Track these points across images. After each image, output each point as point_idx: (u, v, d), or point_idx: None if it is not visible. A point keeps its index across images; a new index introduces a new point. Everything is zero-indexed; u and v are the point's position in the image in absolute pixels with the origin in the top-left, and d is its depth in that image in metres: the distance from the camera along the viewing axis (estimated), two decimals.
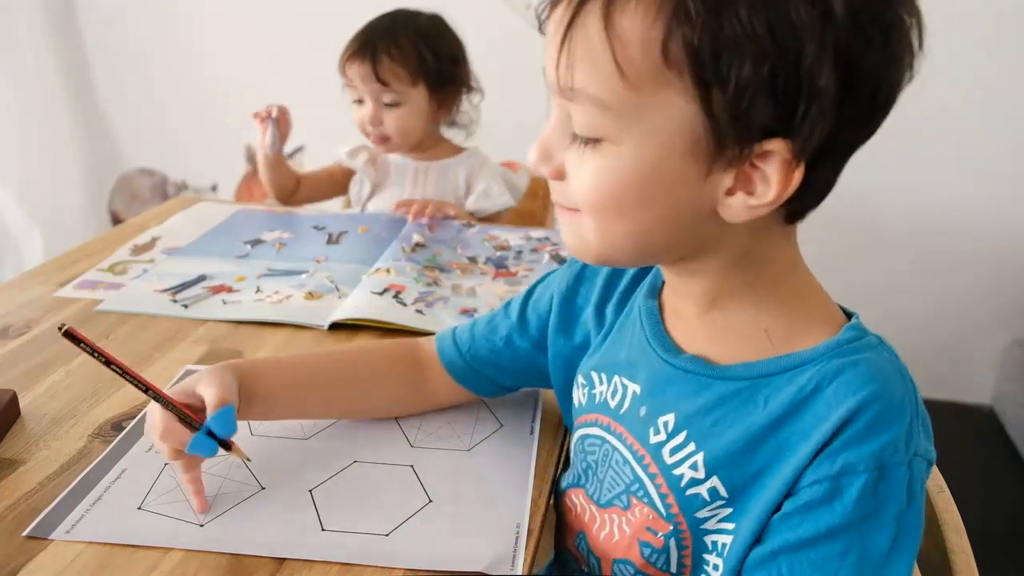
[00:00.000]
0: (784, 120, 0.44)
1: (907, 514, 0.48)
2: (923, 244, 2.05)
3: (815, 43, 0.43)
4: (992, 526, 1.72)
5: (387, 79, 1.32)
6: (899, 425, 0.48)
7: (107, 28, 2.24)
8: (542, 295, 0.73)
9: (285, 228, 1.27)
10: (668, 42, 0.44)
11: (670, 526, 0.56)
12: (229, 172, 2.33)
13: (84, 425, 0.74)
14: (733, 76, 0.43)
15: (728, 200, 0.48)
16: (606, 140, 0.48)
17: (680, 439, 0.55)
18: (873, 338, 0.52)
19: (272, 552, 0.59)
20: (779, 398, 0.51)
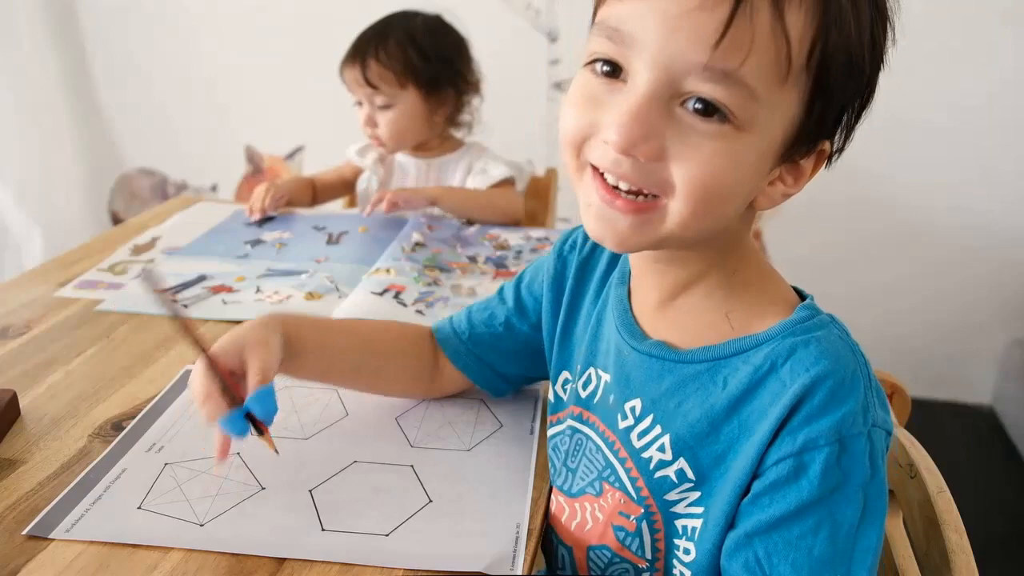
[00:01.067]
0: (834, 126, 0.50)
1: (871, 484, 0.49)
2: (923, 244, 2.05)
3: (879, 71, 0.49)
4: (992, 526, 1.72)
5: (376, 82, 1.33)
6: (854, 398, 0.49)
7: (107, 28, 2.23)
8: (534, 278, 0.74)
9: (285, 228, 1.27)
10: (815, 46, 0.45)
11: (641, 509, 0.57)
12: (229, 172, 2.33)
13: (84, 425, 0.74)
14: (841, 89, 0.47)
15: (769, 190, 0.51)
16: (734, 125, 0.46)
17: (647, 423, 0.57)
18: (825, 316, 0.53)
19: (272, 552, 0.59)
20: (736, 378, 0.53)
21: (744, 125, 0.46)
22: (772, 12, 0.44)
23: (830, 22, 0.45)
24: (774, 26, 0.44)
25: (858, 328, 1.28)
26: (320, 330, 0.72)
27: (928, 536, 0.59)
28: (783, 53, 0.45)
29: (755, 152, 0.48)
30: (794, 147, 0.49)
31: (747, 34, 0.44)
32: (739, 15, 0.43)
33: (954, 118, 1.91)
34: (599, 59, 0.49)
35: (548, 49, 1.98)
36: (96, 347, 0.89)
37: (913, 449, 0.64)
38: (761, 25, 0.44)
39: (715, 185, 0.47)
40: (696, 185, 0.47)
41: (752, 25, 0.44)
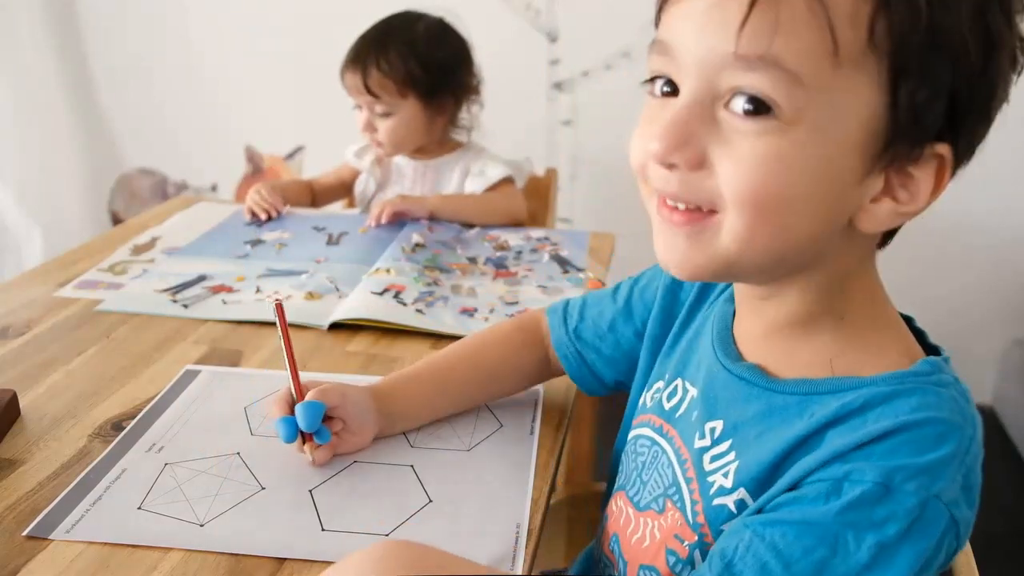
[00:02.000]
0: (953, 125, 0.44)
1: (895, 549, 0.43)
2: (923, 244, 2.05)
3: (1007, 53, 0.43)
4: (992, 526, 1.71)
5: (376, 91, 1.33)
6: (929, 456, 0.44)
7: (107, 28, 2.23)
8: (650, 283, 0.71)
9: (285, 228, 1.27)
10: (876, 21, 0.41)
11: (696, 536, 0.54)
12: (229, 172, 2.33)
13: (84, 425, 0.74)
14: (931, 72, 0.42)
15: (873, 207, 0.46)
16: (781, 120, 0.42)
17: (724, 447, 0.53)
18: (948, 378, 0.48)
19: (272, 552, 0.59)
20: (823, 412, 0.48)
21: (792, 117, 0.42)
22: None
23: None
24: (810, 2, 0.41)
25: None
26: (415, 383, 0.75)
27: None
28: (825, 30, 0.41)
29: (816, 149, 0.43)
30: (891, 149, 0.44)
31: (774, 13, 0.41)
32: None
33: None
34: (654, 76, 0.48)
35: (548, 49, 1.98)
36: (96, 347, 0.89)
37: None
38: (794, 3, 0.41)
39: (765, 190, 0.43)
40: (743, 190, 0.43)
41: (783, 3, 0.41)
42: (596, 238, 1.27)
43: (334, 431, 0.68)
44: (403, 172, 1.46)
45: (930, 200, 0.45)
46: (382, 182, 1.48)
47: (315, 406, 0.66)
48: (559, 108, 2.02)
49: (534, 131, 2.04)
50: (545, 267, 1.15)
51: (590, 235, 1.28)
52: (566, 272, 1.14)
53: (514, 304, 1.03)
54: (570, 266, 1.16)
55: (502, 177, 1.38)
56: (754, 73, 0.42)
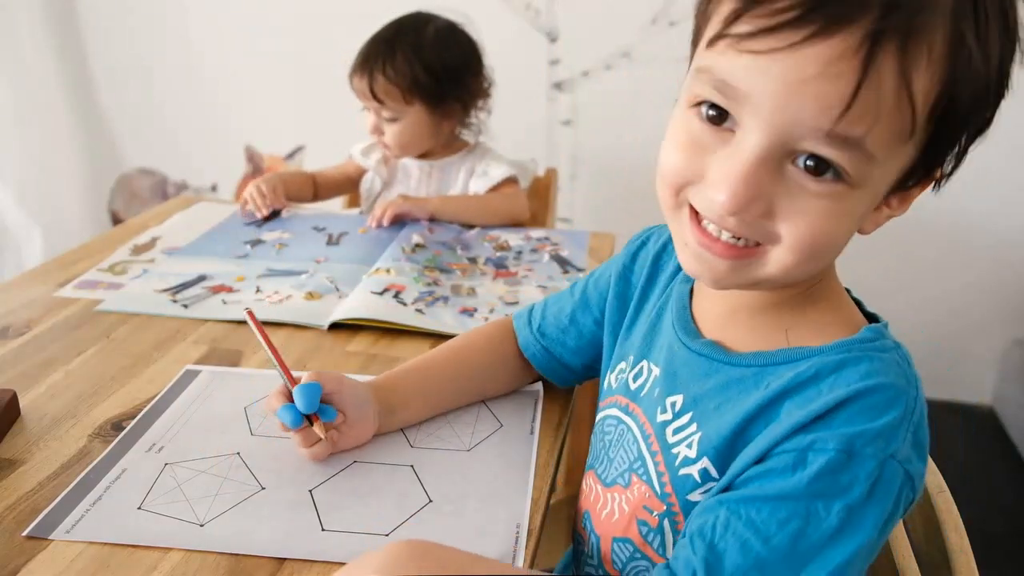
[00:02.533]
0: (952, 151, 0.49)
1: (862, 510, 0.46)
2: (923, 244, 2.05)
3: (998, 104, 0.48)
4: (992, 526, 1.72)
5: (382, 98, 1.33)
6: (881, 420, 0.47)
7: (107, 28, 2.23)
8: (603, 273, 0.75)
9: (285, 228, 1.27)
10: (942, 99, 0.44)
11: (664, 506, 0.57)
12: (229, 172, 2.33)
13: (84, 425, 0.74)
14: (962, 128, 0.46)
15: (874, 215, 0.51)
16: (847, 185, 0.46)
17: (685, 420, 0.57)
18: (890, 342, 0.52)
19: (272, 552, 0.59)
20: (778, 382, 0.52)
21: (857, 183, 0.46)
22: (898, 79, 0.42)
23: (959, 76, 0.44)
24: (899, 93, 0.43)
25: None
26: (412, 375, 0.76)
27: (928, 536, 0.59)
28: (907, 117, 0.44)
29: (866, 203, 0.48)
30: (906, 182, 0.49)
31: (871, 103, 0.42)
32: (865, 86, 0.42)
33: None
34: (706, 102, 0.48)
35: (548, 49, 1.98)
36: (96, 347, 0.89)
37: None
38: (886, 93, 0.43)
39: (823, 241, 0.48)
40: (804, 241, 0.47)
41: (878, 94, 0.42)
42: (596, 238, 1.27)
43: (335, 424, 0.68)
44: (409, 172, 1.46)
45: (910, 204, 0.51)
46: (388, 181, 1.48)
47: (312, 386, 0.66)
48: (559, 108, 2.02)
49: (534, 131, 2.03)
50: (545, 267, 1.15)
51: (590, 235, 1.28)
52: (566, 272, 1.14)
53: (514, 304, 1.03)
54: (570, 266, 1.16)
55: (505, 177, 1.38)
56: (837, 150, 0.44)
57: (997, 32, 0.45)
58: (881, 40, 0.42)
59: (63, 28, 2.22)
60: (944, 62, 0.43)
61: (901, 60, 0.42)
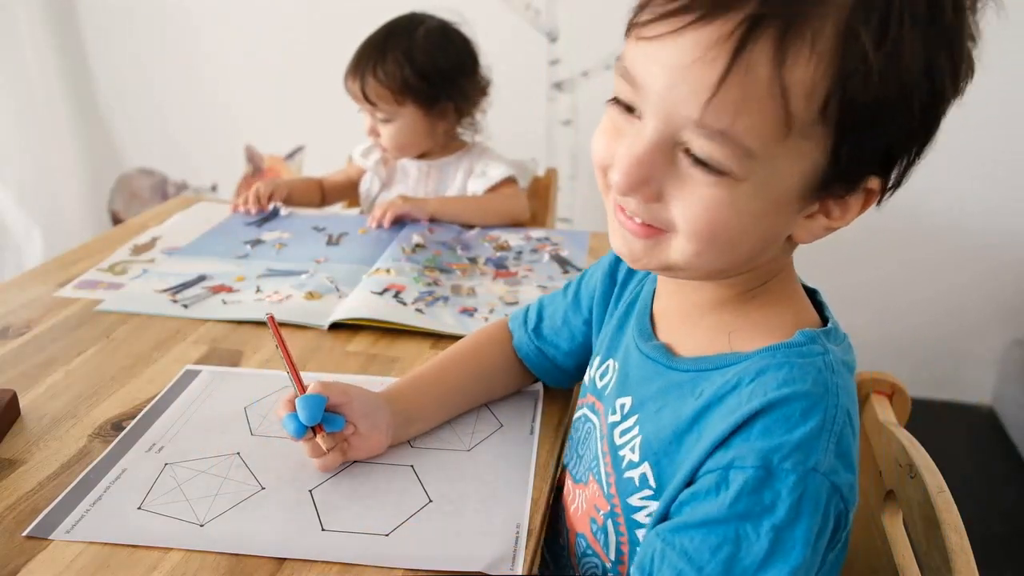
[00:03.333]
0: (886, 163, 0.47)
1: (791, 529, 0.45)
2: (923, 243, 2.05)
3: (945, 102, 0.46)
4: (992, 526, 1.72)
5: (374, 100, 1.34)
6: (798, 431, 0.46)
7: (107, 28, 2.23)
8: (593, 273, 0.75)
9: (285, 228, 1.27)
10: (831, 99, 0.43)
11: (608, 506, 0.58)
12: (229, 172, 2.33)
13: (84, 425, 0.74)
14: (878, 131, 0.44)
15: (807, 223, 0.49)
16: (731, 178, 0.45)
17: (630, 422, 0.57)
18: (818, 348, 0.51)
19: (272, 552, 0.59)
20: (710, 390, 0.52)
21: (741, 177, 0.45)
22: (772, 68, 0.42)
23: (849, 72, 0.42)
24: (772, 83, 0.42)
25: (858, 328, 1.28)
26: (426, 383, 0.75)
27: (928, 536, 0.59)
28: (780, 110, 0.42)
29: (760, 200, 0.46)
30: (826, 188, 0.47)
31: (739, 92, 0.42)
32: (734, 72, 0.42)
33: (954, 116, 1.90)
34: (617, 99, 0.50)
35: (548, 49, 1.98)
36: (96, 347, 0.89)
37: (913, 449, 0.64)
38: (757, 82, 0.42)
39: (716, 230, 0.47)
40: (695, 228, 0.47)
41: (747, 82, 0.42)
42: (596, 238, 1.27)
43: (347, 434, 0.67)
44: (407, 172, 1.47)
45: (857, 216, 0.49)
46: (386, 182, 1.49)
47: (314, 398, 0.65)
48: (559, 108, 2.02)
49: (534, 131, 2.04)
50: (545, 267, 1.15)
51: (590, 235, 1.28)
52: (566, 272, 1.14)
53: (514, 304, 1.03)
54: (570, 266, 1.16)
55: (504, 177, 1.38)
56: (711, 143, 0.44)
57: (918, 35, 0.42)
58: (759, 26, 0.41)
59: (63, 28, 2.23)
60: (831, 58, 0.42)
61: (778, 50, 0.41)
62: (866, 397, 0.74)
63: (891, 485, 0.67)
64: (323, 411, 0.65)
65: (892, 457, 0.67)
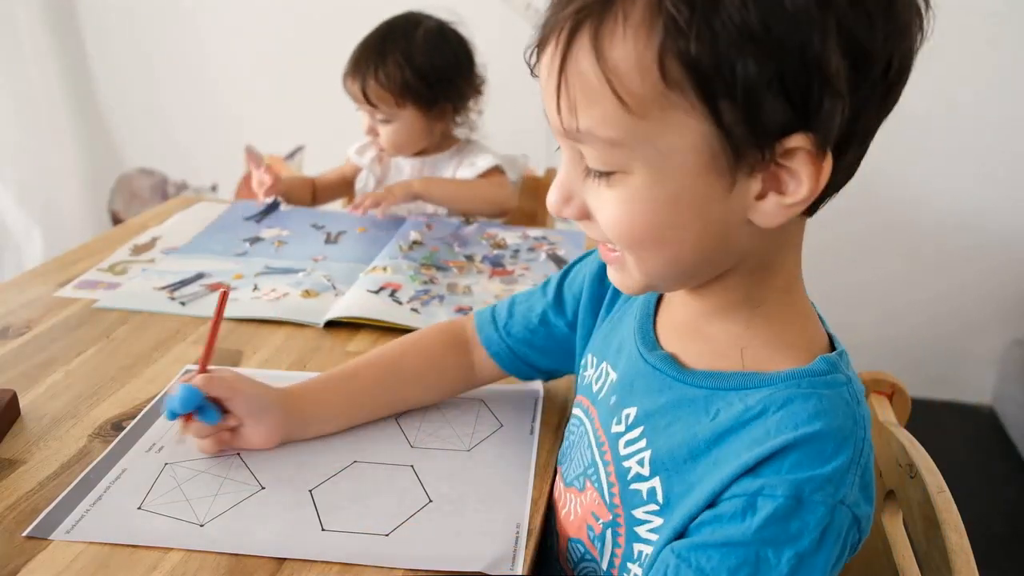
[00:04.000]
0: (801, 114, 0.43)
1: (811, 558, 0.46)
2: (923, 243, 2.05)
3: (817, 30, 0.41)
4: (992, 526, 1.72)
5: (375, 102, 1.34)
6: (830, 465, 0.46)
7: (107, 28, 2.23)
8: (577, 274, 0.73)
9: (284, 226, 1.27)
10: (664, 62, 0.42)
11: (610, 515, 0.57)
12: (229, 172, 2.33)
13: (84, 425, 0.74)
14: (739, 82, 0.41)
15: (760, 205, 0.46)
16: (621, 172, 0.46)
17: (636, 433, 0.56)
18: (842, 377, 0.51)
19: (272, 552, 0.59)
20: (728, 413, 0.51)
21: (627, 167, 0.46)
22: (592, 58, 0.44)
23: (671, 32, 0.41)
24: (596, 71, 0.44)
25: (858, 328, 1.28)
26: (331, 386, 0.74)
27: (928, 536, 0.59)
28: (615, 93, 0.43)
29: (660, 188, 0.46)
30: (742, 157, 0.44)
31: (574, 91, 0.45)
32: (564, 75, 0.45)
33: (954, 116, 1.91)
34: None
35: None
36: (96, 347, 0.89)
37: (913, 449, 0.64)
38: (584, 76, 0.44)
39: (632, 230, 0.48)
40: (616, 235, 0.49)
41: (578, 80, 0.45)
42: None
43: (228, 426, 0.68)
44: (402, 169, 1.47)
45: (817, 184, 0.44)
46: (381, 179, 1.50)
47: (188, 390, 0.65)
48: None
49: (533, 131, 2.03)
50: (542, 266, 1.15)
51: (587, 235, 1.28)
52: None
53: None
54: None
55: (491, 166, 1.40)
56: (581, 144, 0.47)
57: None
58: (578, 29, 0.44)
59: (63, 28, 2.23)
60: (649, 27, 0.42)
61: (595, 40, 0.44)
62: (866, 397, 0.74)
63: (891, 485, 0.67)
64: (197, 403, 0.66)
65: (892, 457, 0.67)
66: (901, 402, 0.74)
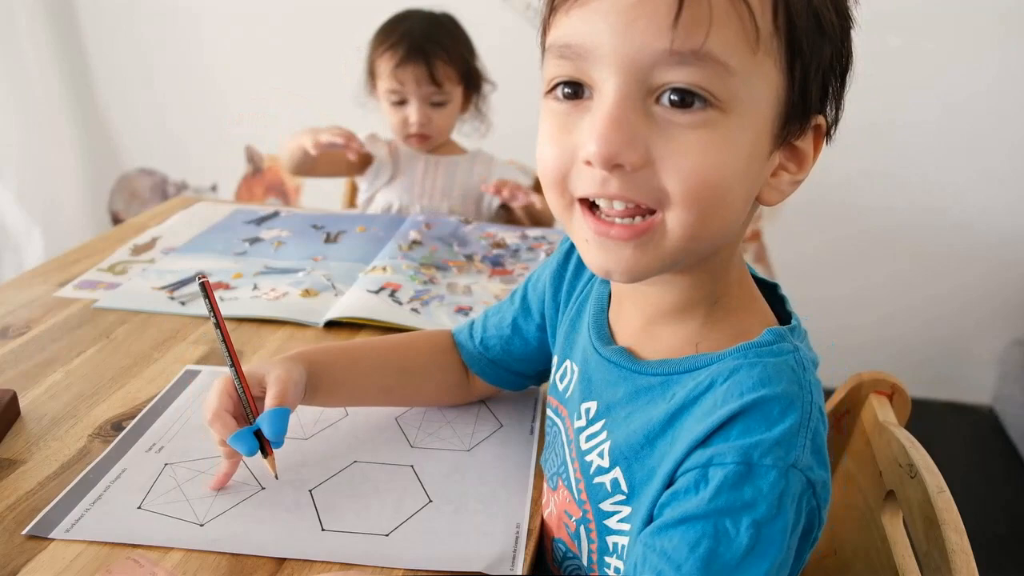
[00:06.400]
0: (824, 95, 0.48)
1: (770, 525, 0.45)
2: (923, 244, 2.05)
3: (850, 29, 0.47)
4: (992, 526, 1.72)
5: (441, 80, 1.36)
6: (777, 428, 0.46)
7: (107, 28, 2.23)
8: (540, 276, 0.73)
9: (284, 227, 1.27)
10: (778, 5, 0.43)
11: (579, 512, 0.57)
12: (229, 172, 2.33)
13: (84, 425, 0.74)
14: (815, 49, 0.45)
15: (774, 180, 0.48)
16: (717, 110, 0.43)
17: (597, 427, 0.56)
18: (788, 346, 0.50)
19: (272, 552, 0.59)
20: (681, 393, 0.51)
21: (727, 105, 0.43)
22: None
23: None
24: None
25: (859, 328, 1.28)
26: (348, 360, 0.72)
27: (928, 536, 0.59)
28: (747, 19, 0.42)
29: (747, 134, 0.44)
30: (787, 126, 0.46)
31: (704, 6, 0.41)
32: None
33: (953, 117, 1.91)
34: (558, 83, 0.47)
35: None
36: (96, 347, 0.89)
37: (913, 449, 0.64)
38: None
39: (712, 180, 0.44)
40: (692, 184, 0.44)
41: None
42: None
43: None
44: (415, 164, 1.48)
45: (811, 166, 0.49)
46: (394, 173, 1.49)
47: (283, 413, 0.62)
48: None
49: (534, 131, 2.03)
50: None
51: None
52: None
53: None
54: None
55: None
56: (689, 68, 0.42)
57: None
58: None
59: (63, 28, 2.23)
60: None
61: None
62: (866, 397, 0.74)
63: (891, 485, 0.67)
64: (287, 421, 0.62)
65: (892, 457, 0.67)
66: (901, 402, 0.74)
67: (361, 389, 0.73)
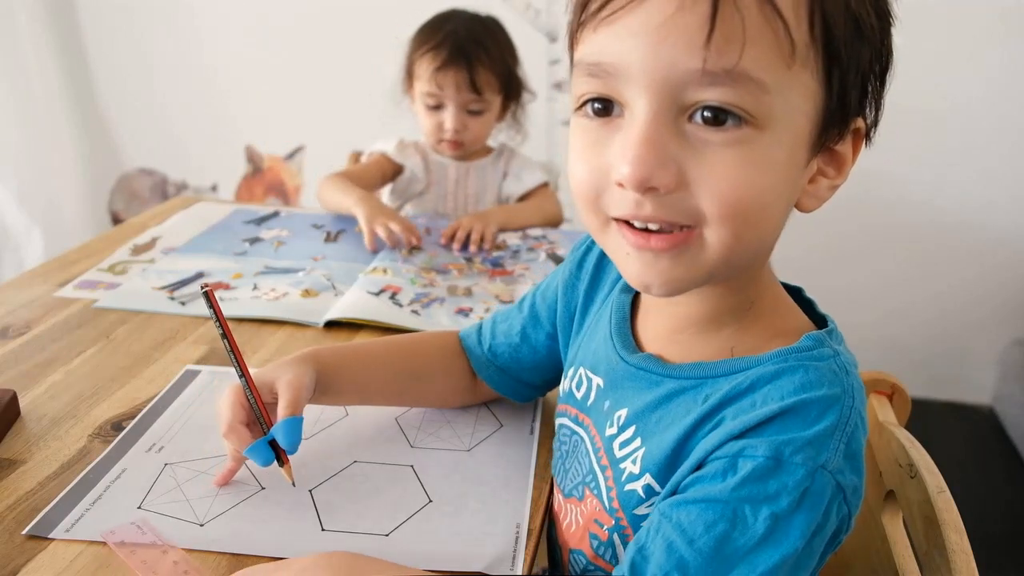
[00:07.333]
0: (863, 98, 0.47)
1: (788, 519, 0.45)
2: (923, 243, 2.05)
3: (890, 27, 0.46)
4: (992, 526, 1.72)
5: (482, 88, 1.32)
6: (812, 429, 0.46)
7: (107, 28, 2.24)
8: (550, 285, 0.73)
9: (284, 227, 1.27)
10: (814, 15, 0.42)
11: (612, 520, 0.56)
12: (229, 172, 2.33)
13: (84, 425, 0.74)
14: (854, 56, 0.44)
15: (812, 187, 0.48)
16: (751, 127, 0.43)
17: (629, 434, 0.55)
18: (828, 351, 0.50)
19: (272, 552, 0.59)
20: (717, 395, 0.50)
21: (762, 122, 0.42)
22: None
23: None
24: (762, 7, 0.41)
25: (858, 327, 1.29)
26: (358, 364, 0.72)
27: (928, 536, 0.59)
28: (782, 33, 0.41)
29: (783, 149, 0.44)
30: (825, 132, 0.46)
31: (736, 24, 0.40)
32: (722, 5, 0.40)
33: (954, 115, 1.91)
34: (588, 99, 0.46)
35: (548, 49, 1.98)
36: (96, 347, 0.89)
37: (913, 449, 0.64)
38: (749, 9, 0.41)
39: (748, 198, 0.43)
40: (728, 204, 0.43)
41: (740, 12, 0.40)
42: None
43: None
44: (446, 173, 1.46)
45: (851, 169, 0.49)
46: (428, 182, 1.46)
47: (297, 422, 0.62)
48: (559, 108, 2.02)
49: (534, 131, 2.03)
50: (542, 266, 1.15)
51: (586, 234, 1.28)
52: None
53: (510, 303, 1.02)
54: None
55: (539, 183, 1.43)
56: (722, 87, 0.42)
57: None
58: None
59: (63, 28, 2.23)
60: None
61: None
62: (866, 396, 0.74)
63: (891, 485, 0.67)
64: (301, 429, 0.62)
65: (892, 457, 0.67)
66: (901, 402, 0.74)
67: (370, 392, 0.74)
